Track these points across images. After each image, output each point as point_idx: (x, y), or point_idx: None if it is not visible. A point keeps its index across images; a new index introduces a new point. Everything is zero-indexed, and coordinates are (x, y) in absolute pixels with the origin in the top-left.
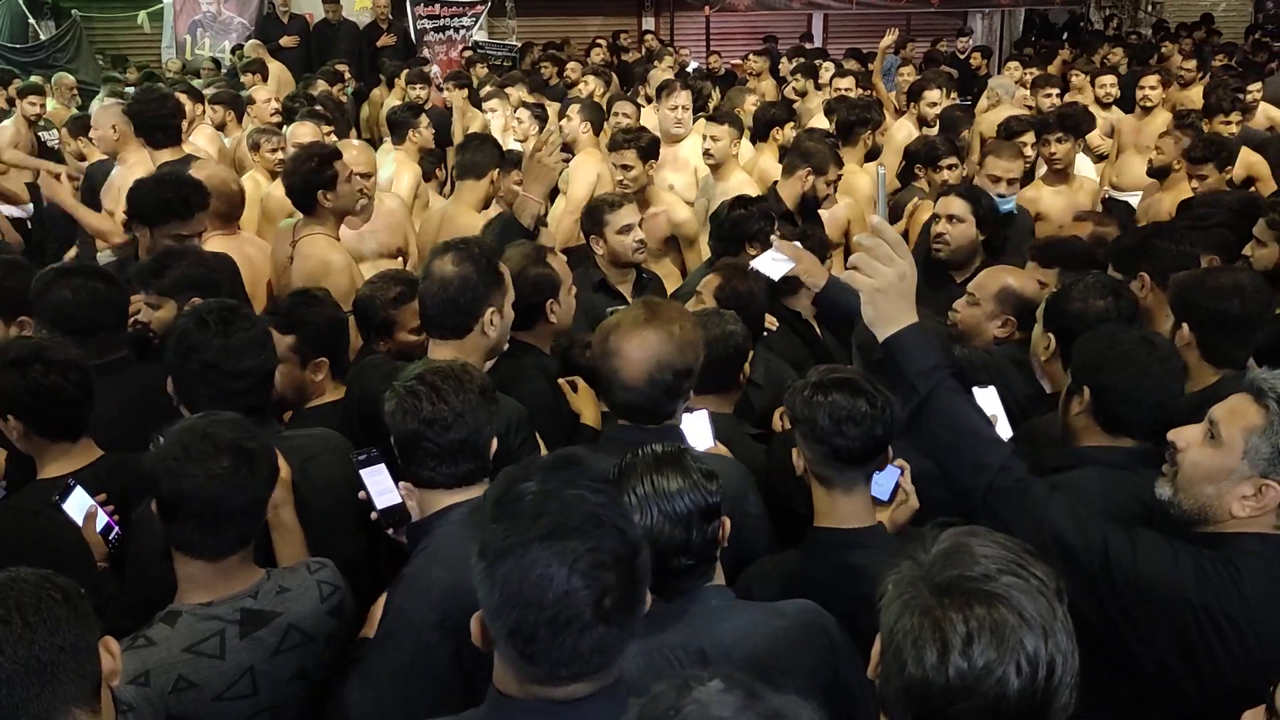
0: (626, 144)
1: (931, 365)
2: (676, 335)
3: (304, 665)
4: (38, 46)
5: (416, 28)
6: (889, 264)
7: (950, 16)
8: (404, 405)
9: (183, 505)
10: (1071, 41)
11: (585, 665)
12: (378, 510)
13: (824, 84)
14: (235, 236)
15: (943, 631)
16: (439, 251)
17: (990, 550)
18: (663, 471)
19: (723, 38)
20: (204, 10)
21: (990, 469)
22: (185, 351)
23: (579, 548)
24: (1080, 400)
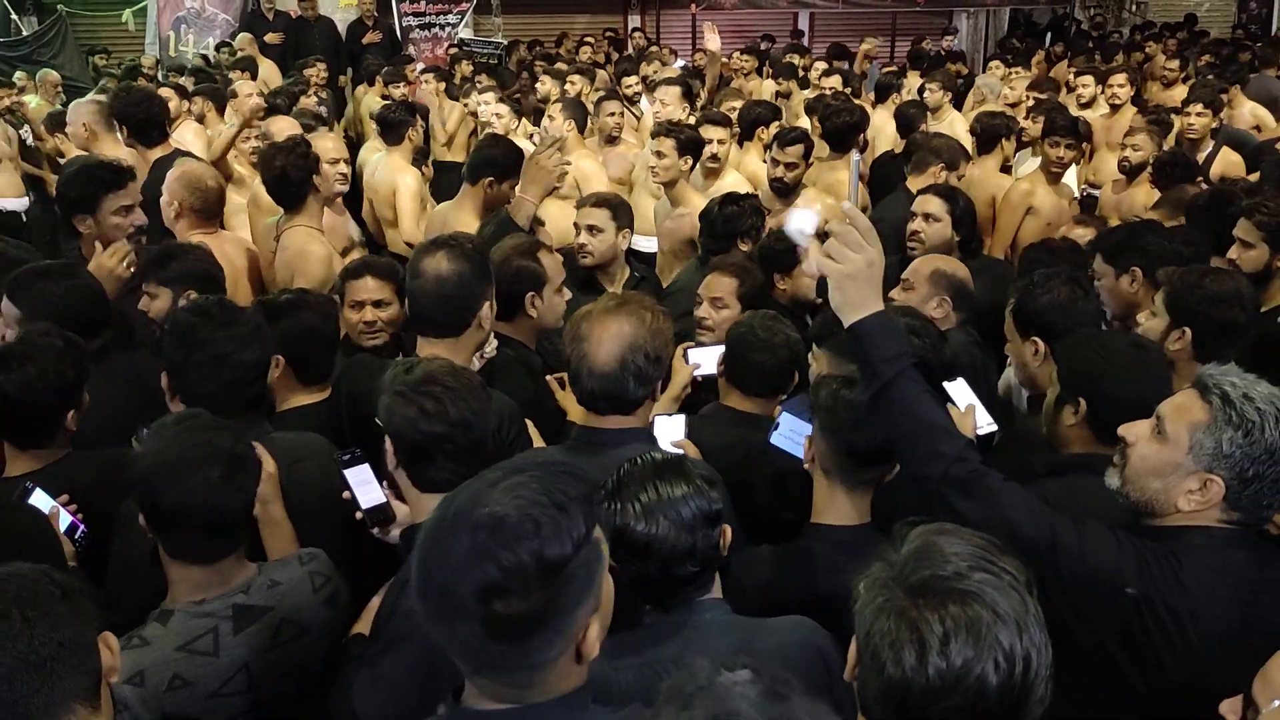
0: (667, 133)
1: (895, 353)
2: (648, 322)
3: (299, 659)
4: (20, 42)
5: (402, 25)
6: (858, 251)
7: (935, 15)
8: (424, 408)
9: (185, 517)
10: (1057, 41)
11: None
12: (362, 510)
13: (813, 82)
14: (215, 235)
15: (919, 632)
16: (428, 249)
17: (960, 548)
18: (665, 478)
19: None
20: (188, 7)
21: (946, 458)
22: (191, 344)
23: (488, 538)
24: (1075, 411)
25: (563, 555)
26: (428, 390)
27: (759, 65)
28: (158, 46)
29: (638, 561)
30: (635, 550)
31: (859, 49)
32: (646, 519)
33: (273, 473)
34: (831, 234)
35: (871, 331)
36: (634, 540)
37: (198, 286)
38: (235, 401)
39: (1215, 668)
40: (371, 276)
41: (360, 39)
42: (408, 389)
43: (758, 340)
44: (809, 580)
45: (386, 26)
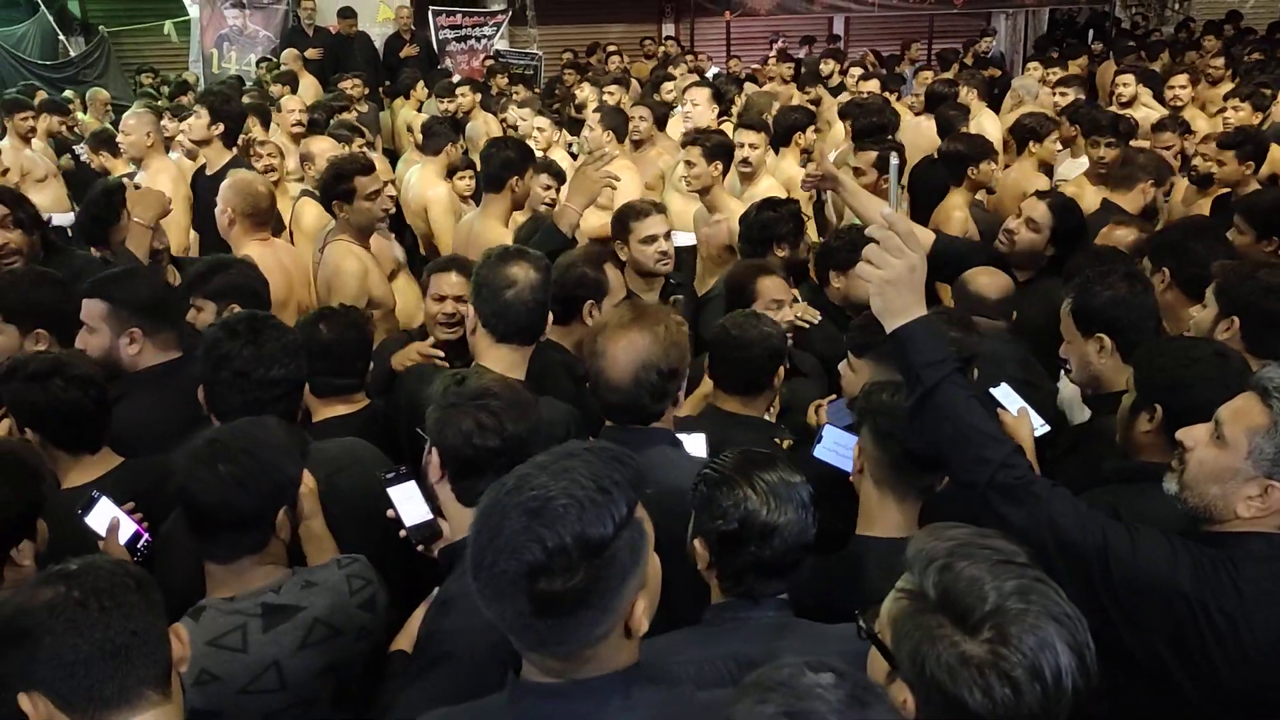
0: (694, 141)
1: (938, 358)
2: (662, 336)
3: (333, 660)
4: (68, 63)
5: (438, 38)
6: (899, 256)
7: (973, 17)
8: (481, 422)
9: (186, 505)
10: (1097, 40)
11: (521, 634)
12: (406, 528)
13: (849, 88)
14: (269, 244)
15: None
16: (510, 259)
17: (983, 564)
18: (774, 465)
19: (743, 42)
20: (230, 24)
21: (991, 464)
22: (216, 361)
23: (534, 521)
24: (1150, 418)
25: (603, 536)
26: (483, 404)
27: (796, 72)
28: (201, 64)
29: (759, 546)
30: (760, 534)
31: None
32: (774, 503)
33: (312, 488)
34: (872, 238)
35: (915, 336)
36: (760, 524)
37: (241, 300)
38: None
39: (1269, 674)
40: (456, 272)
41: (397, 52)
42: (462, 402)
43: (732, 339)
44: (857, 592)
45: (423, 40)
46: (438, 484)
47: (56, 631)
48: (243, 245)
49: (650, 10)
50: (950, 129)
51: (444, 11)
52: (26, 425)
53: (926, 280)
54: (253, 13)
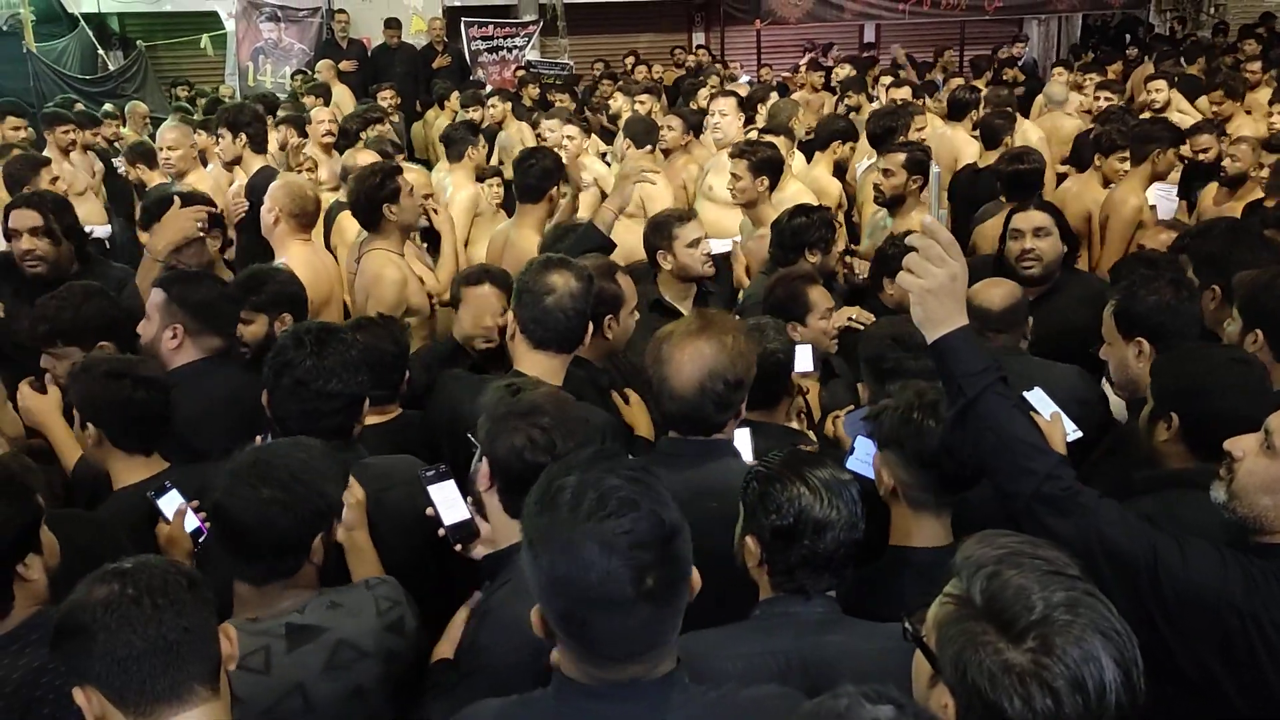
0: (741, 155)
1: (980, 368)
2: (729, 346)
3: (360, 682)
4: (106, 77)
5: (470, 49)
6: (940, 265)
7: (1005, 24)
8: (533, 438)
9: (222, 523)
10: (1131, 46)
11: (635, 644)
12: (445, 526)
13: (878, 96)
14: (310, 243)
15: (1051, 686)
16: (551, 267)
17: (1032, 573)
18: (824, 464)
19: (773, 50)
20: (265, 38)
21: (1036, 475)
22: (279, 368)
23: (615, 530)
24: (1168, 427)
25: (672, 516)
26: (536, 420)
27: (826, 80)
28: (237, 77)
29: (812, 540)
30: (814, 529)
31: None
32: (827, 498)
33: (360, 500)
34: (912, 247)
35: (955, 347)
36: (814, 520)
37: (291, 310)
38: (312, 430)
39: None
40: (490, 284)
41: (430, 63)
42: (516, 416)
43: None
44: (895, 601)
45: (455, 51)
46: (486, 493)
47: (111, 628)
48: (287, 245)
49: (680, 19)
50: (996, 139)
51: (476, 23)
52: (91, 421)
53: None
54: (288, 26)
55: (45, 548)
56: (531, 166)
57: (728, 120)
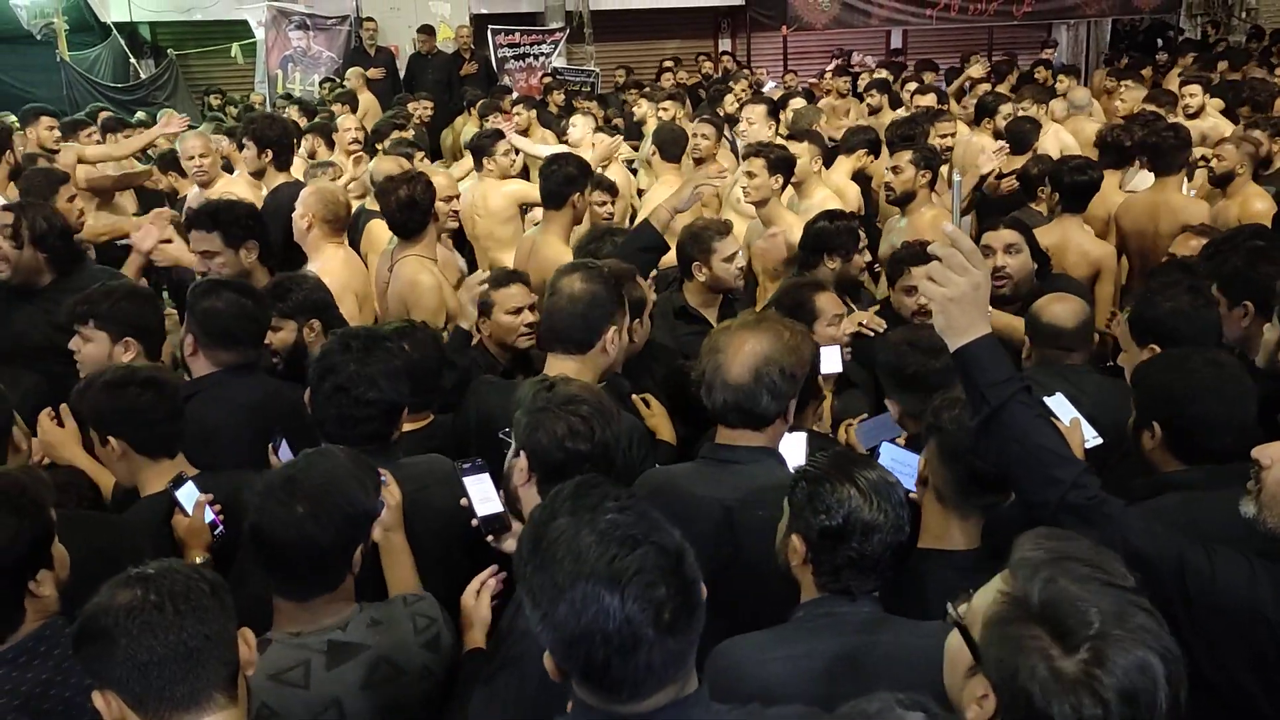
0: (757, 153)
1: (1004, 377)
2: (786, 339)
3: (396, 699)
4: (138, 85)
5: (497, 56)
6: (963, 273)
7: (1034, 29)
8: (573, 426)
9: (258, 545)
10: (1161, 51)
11: (661, 677)
12: (478, 517)
13: (905, 102)
14: (343, 246)
15: (1096, 692)
16: (567, 270)
17: (1090, 584)
18: (872, 465)
19: (799, 56)
20: (294, 46)
21: (1062, 484)
22: (323, 371)
23: (623, 571)
24: (1151, 435)
25: (672, 540)
26: (575, 409)
27: (853, 86)
28: (267, 85)
29: (860, 542)
30: (862, 531)
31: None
32: (875, 501)
33: (397, 502)
34: (935, 255)
35: (978, 356)
36: (863, 522)
37: (319, 316)
38: (349, 435)
39: None
40: (516, 284)
41: (457, 71)
42: (555, 406)
43: None
44: (923, 604)
45: (482, 58)
46: (523, 487)
47: (132, 634)
48: (320, 249)
49: (707, 26)
50: (1024, 144)
51: (503, 30)
52: (111, 433)
53: None
54: (316, 34)
55: (56, 561)
56: (555, 173)
57: (756, 128)
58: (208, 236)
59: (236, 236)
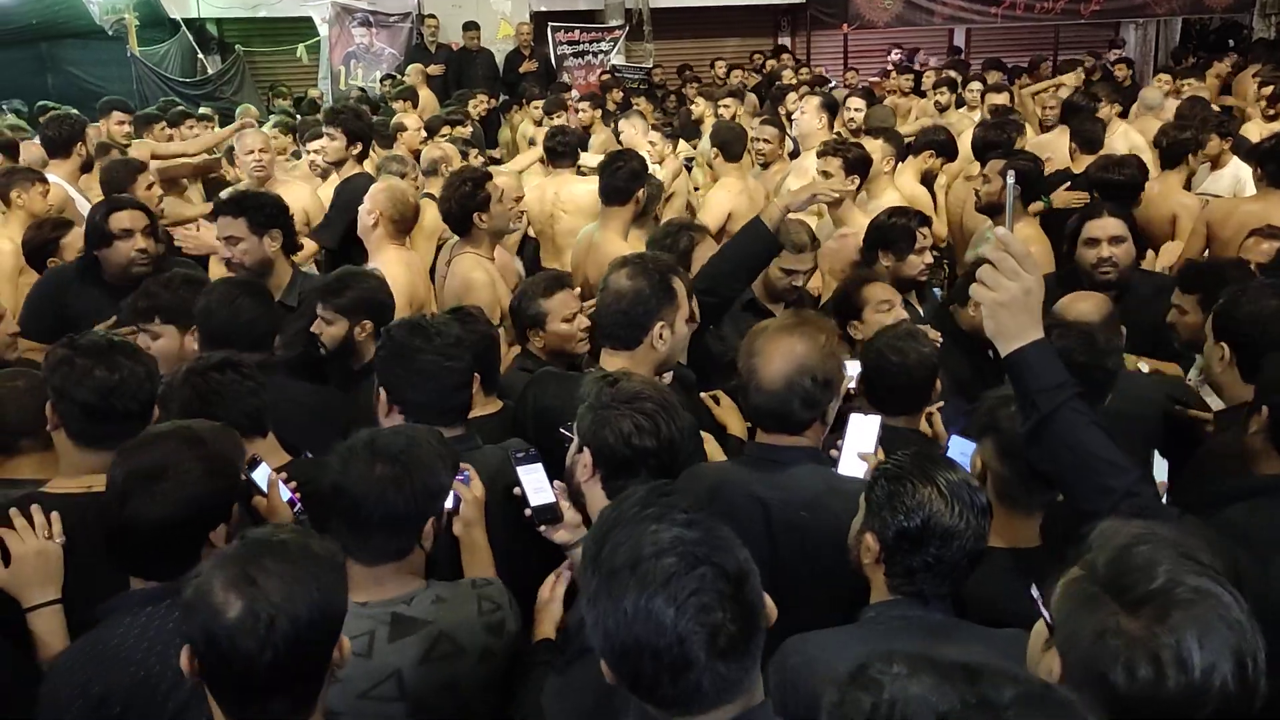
0: (834, 152)
1: (1055, 384)
2: (822, 345)
3: (455, 676)
4: (205, 80)
5: (556, 53)
6: (1014, 278)
7: (1101, 27)
8: (639, 423)
9: (335, 500)
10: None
11: (711, 700)
12: (531, 507)
13: (968, 102)
14: (407, 250)
15: (1154, 653)
16: (617, 265)
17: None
18: (954, 468)
19: (860, 55)
20: (357, 42)
21: (1114, 493)
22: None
23: (681, 591)
24: (1259, 419)
25: (736, 562)
26: (640, 406)
27: (915, 84)
28: (329, 81)
29: (939, 548)
30: (941, 536)
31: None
32: (957, 506)
33: (479, 497)
34: (987, 261)
35: (1030, 362)
36: (943, 527)
37: (372, 316)
38: (447, 409)
39: None
40: (564, 290)
41: (517, 68)
42: (620, 403)
43: (891, 364)
44: (991, 605)
45: (542, 55)
46: (587, 483)
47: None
48: (383, 248)
49: (766, 24)
50: (1092, 144)
51: (563, 28)
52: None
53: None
54: (379, 30)
55: (235, 517)
56: (619, 169)
57: (805, 119)
58: (234, 222)
59: (260, 223)
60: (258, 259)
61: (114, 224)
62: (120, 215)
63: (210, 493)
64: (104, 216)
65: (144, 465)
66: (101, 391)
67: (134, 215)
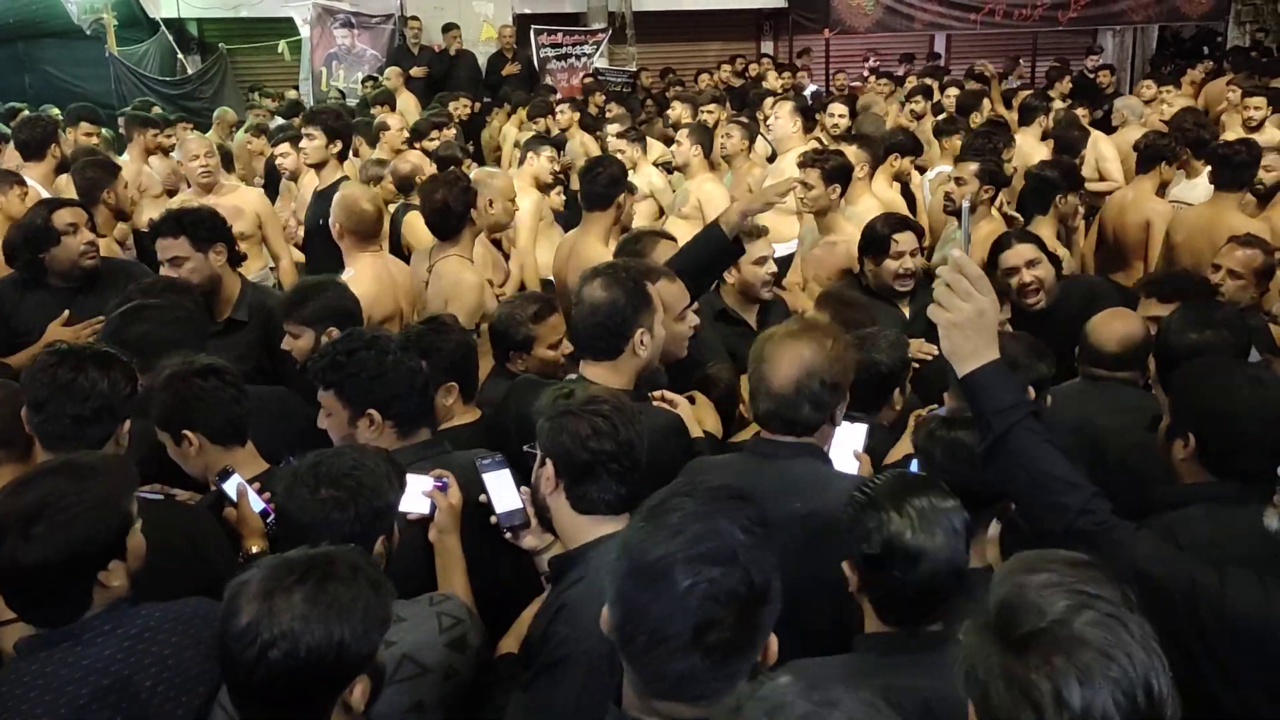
0: (813, 163)
1: (1009, 404)
2: (829, 348)
3: (420, 697)
4: (185, 80)
5: (539, 56)
6: (967, 300)
7: (1079, 35)
8: (597, 426)
9: (286, 526)
10: (1208, 59)
11: (673, 688)
12: (498, 514)
13: (946, 108)
14: (378, 255)
15: (1032, 697)
16: (588, 277)
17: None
18: (927, 489)
19: (842, 60)
20: (339, 43)
21: (1069, 511)
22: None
23: (700, 574)
24: (1184, 445)
25: (765, 581)
26: (597, 409)
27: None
28: (310, 82)
29: (903, 570)
30: (904, 558)
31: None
32: (920, 526)
33: (455, 505)
34: (942, 280)
35: (983, 383)
36: (903, 548)
37: (337, 323)
38: (410, 412)
39: None
40: (555, 315)
41: (499, 70)
42: (577, 408)
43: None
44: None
45: (525, 58)
46: (551, 495)
47: None
48: (354, 257)
49: (749, 28)
50: (1072, 151)
51: (545, 30)
52: (183, 429)
53: None
54: (361, 32)
55: (131, 552)
56: (599, 174)
57: (780, 123)
58: (174, 242)
59: (202, 239)
60: (205, 275)
61: (58, 221)
62: (62, 212)
63: (93, 534)
64: (46, 218)
65: (21, 505)
66: (52, 390)
67: (75, 211)
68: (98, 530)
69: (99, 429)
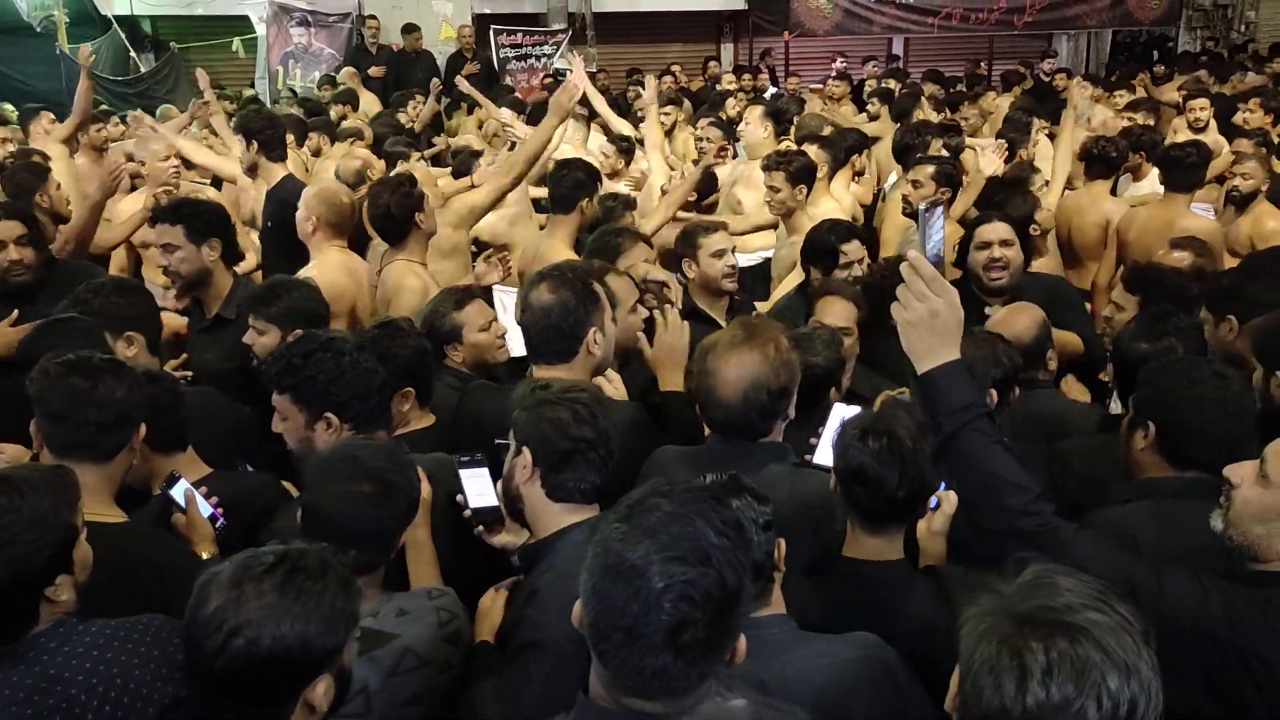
0: (777, 166)
1: (961, 405)
2: (772, 355)
3: (419, 690)
4: (138, 79)
5: (499, 56)
6: (922, 300)
7: (1035, 38)
8: (577, 413)
9: (316, 520)
10: (1159, 62)
11: (645, 685)
12: (472, 509)
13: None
14: (345, 252)
15: (1022, 660)
16: (533, 281)
17: (1075, 584)
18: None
19: (801, 62)
20: (295, 42)
21: (1011, 512)
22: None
23: (674, 574)
24: (1144, 435)
25: (738, 583)
26: (575, 397)
27: (851, 91)
28: (266, 81)
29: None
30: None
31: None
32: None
33: (426, 498)
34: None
35: (937, 383)
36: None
37: (305, 324)
38: (367, 413)
39: None
40: (473, 302)
41: (458, 71)
42: (554, 396)
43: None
44: (842, 614)
45: (484, 58)
46: (526, 485)
47: None
48: (322, 250)
49: (709, 30)
50: (1011, 150)
51: (505, 30)
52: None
53: None
54: (318, 31)
55: (78, 564)
56: (564, 177)
57: (749, 129)
58: (170, 229)
59: (199, 231)
60: (195, 268)
61: None
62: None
63: (33, 550)
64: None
65: None
66: (72, 400)
67: (6, 226)
68: (38, 547)
69: (119, 435)
